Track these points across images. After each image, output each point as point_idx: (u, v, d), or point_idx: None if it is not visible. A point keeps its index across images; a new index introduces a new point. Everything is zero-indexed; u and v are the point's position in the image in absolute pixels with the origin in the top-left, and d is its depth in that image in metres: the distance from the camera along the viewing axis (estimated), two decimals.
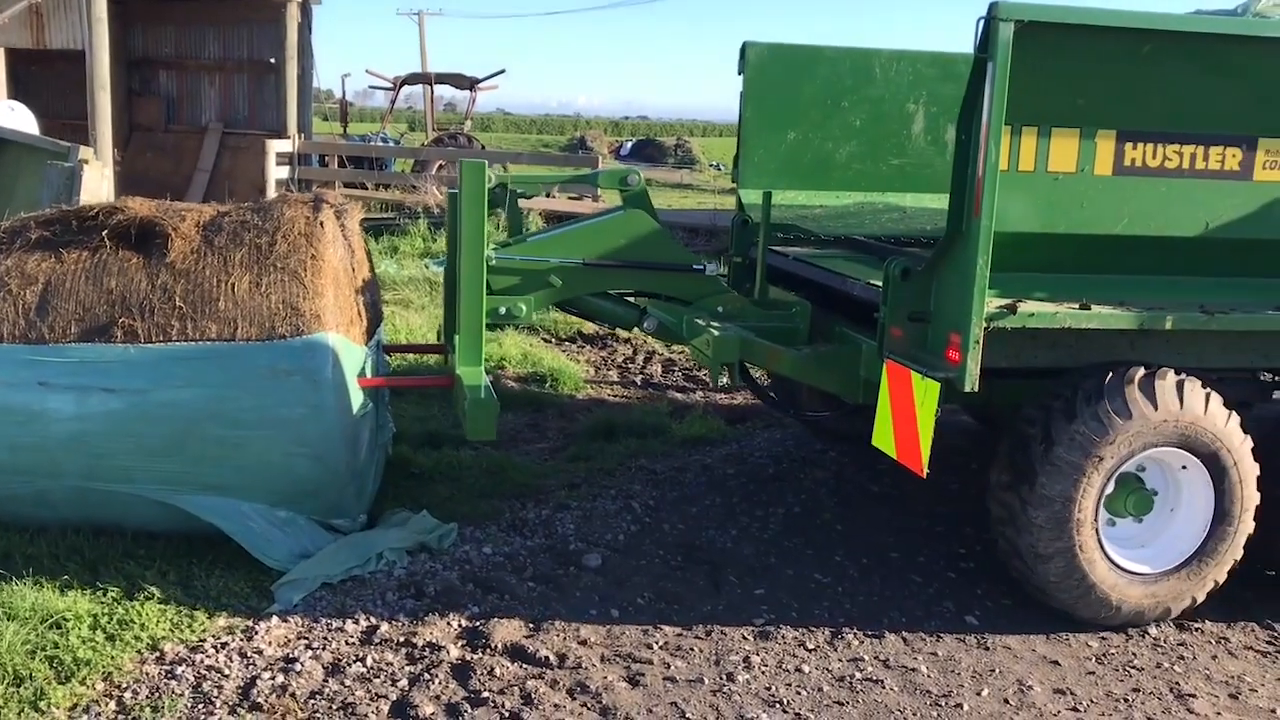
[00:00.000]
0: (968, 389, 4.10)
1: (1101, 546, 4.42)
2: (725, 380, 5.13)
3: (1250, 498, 4.50)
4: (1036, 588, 4.50)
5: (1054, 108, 4.24)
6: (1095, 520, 4.38)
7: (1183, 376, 4.41)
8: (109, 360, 4.44)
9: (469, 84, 22.81)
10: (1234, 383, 4.82)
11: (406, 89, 23.79)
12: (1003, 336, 4.22)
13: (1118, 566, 4.46)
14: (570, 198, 16.81)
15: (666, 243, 5.42)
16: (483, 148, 22.39)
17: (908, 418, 4.30)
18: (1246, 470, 4.47)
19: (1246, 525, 4.52)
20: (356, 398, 4.76)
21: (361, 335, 5.06)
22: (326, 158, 17.70)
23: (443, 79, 23.17)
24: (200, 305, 4.55)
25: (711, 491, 5.82)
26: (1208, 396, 4.41)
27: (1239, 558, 4.55)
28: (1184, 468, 4.49)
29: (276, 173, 15.53)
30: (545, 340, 9.35)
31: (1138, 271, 4.60)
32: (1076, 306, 4.24)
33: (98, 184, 8.90)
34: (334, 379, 4.56)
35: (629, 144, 43.22)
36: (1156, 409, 4.31)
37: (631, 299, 5.48)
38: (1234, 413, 4.47)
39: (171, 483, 4.53)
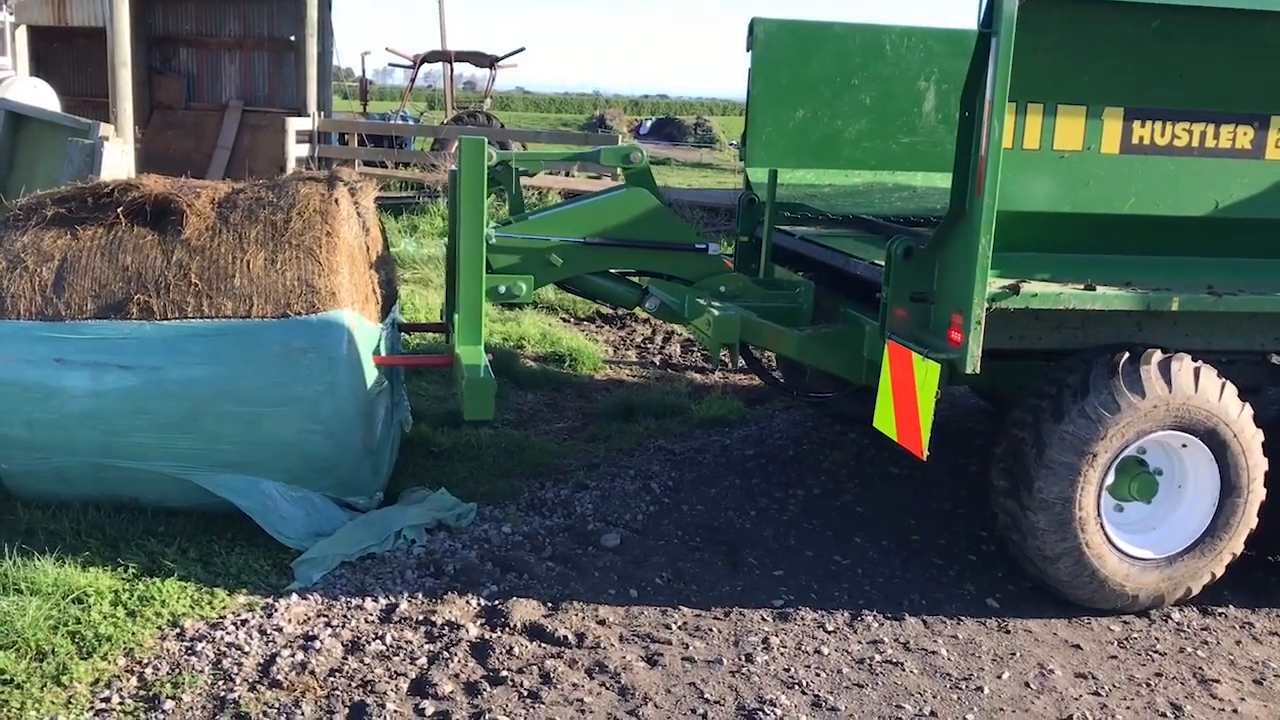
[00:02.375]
0: (969, 371, 4.04)
1: (1109, 539, 4.36)
2: (726, 361, 5.08)
3: (1257, 465, 4.42)
4: (1052, 587, 4.45)
5: (1060, 84, 4.16)
6: (1098, 515, 4.32)
7: (1168, 357, 4.31)
8: (124, 337, 4.44)
9: (489, 62, 22.72)
10: (1244, 365, 4.73)
11: (426, 67, 23.72)
12: (1007, 318, 4.16)
13: (1129, 555, 4.40)
14: (590, 177, 16.77)
15: (669, 221, 5.35)
16: (502, 126, 22.34)
17: (908, 399, 4.25)
18: (1249, 439, 4.39)
19: (1258, 494, 4.45)
20: (371, 375, 4.76)
21: (376, 313, 5.05)
22: (346, 136, 17.69)
23: (462, 57, 23.08)
24: (216, 282, 4.55)
25: (730, 473, 5.81)
26: (1197, 373, 4.31)
27: (1254, 526, 4.48)
28: (1184, 446, 4.41)
29: (296, 150, 15.53)
30: (564, 320, 9.33)
31: (1146, 252, 4.52)
32: (1081, 287, 4.18)
33: (119, 161, 8.91)
34: (348, 356, 4.56)
35: (648, 123, 43.02)
36: (1145, 397, 4.22)
37: (635, 279, 5.43)
38: (1227, 383, 4.37)
39: (187, 460, 4.54)
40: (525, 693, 3.68)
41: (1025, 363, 4.62)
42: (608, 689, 3.74)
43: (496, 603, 4.25)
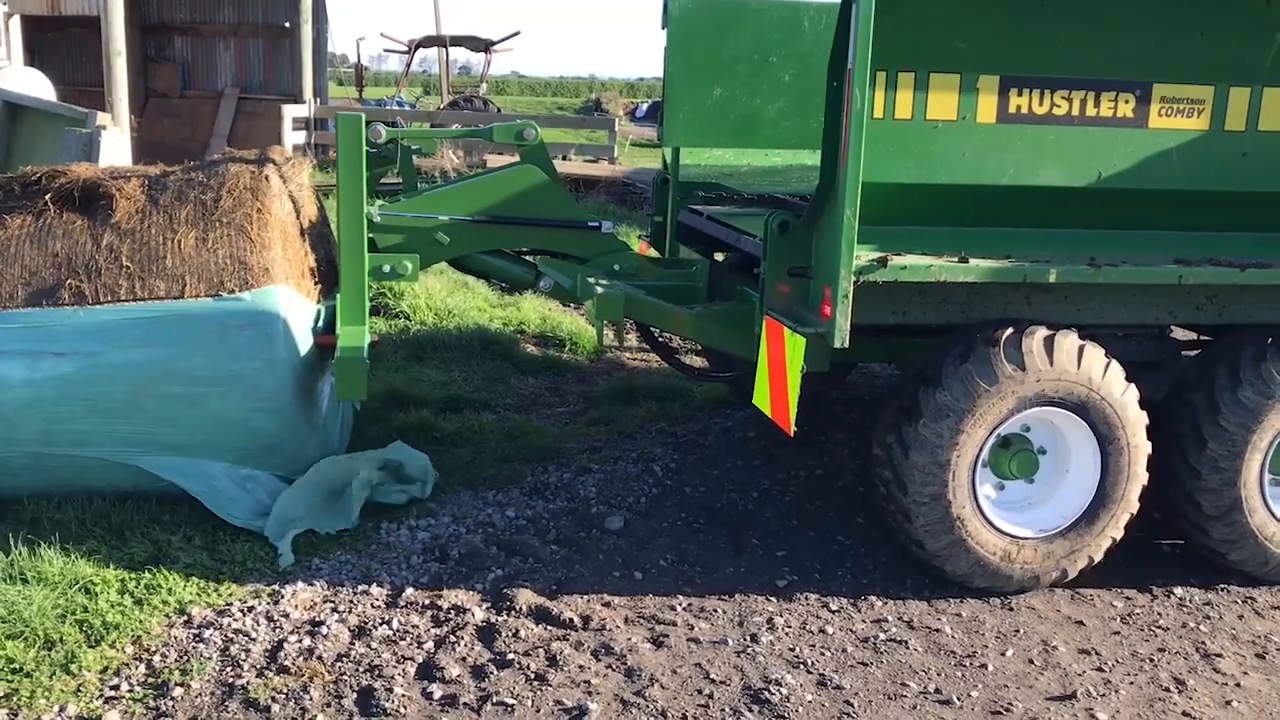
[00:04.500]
0: (838, 345, 3.97)
1: (984, 515, 4.28)
2: (612, 339, 5.02)
3: (1139, 447, 4.31)
4: (927, 562, 4.37)
5: (931, 52, 4.09)
6: (973, 489, 4.23)
7: (1053, 333, 4.22)
8: (58, 324, 4.43)
9: (484, 46, 22.67)
10: (1141, 340, 4.67)
11: (421, 52, 23.66)
12: (885, 292, 4.10)
13: (1006, 533, 4.31)
14: (587, 160, 16.73)
15: (561, 198, 5.28)
16: (498, 110, 22.28)
17: (781, 375, 4.22)
18: (1132, 420, 4.29)
19: (1140, 477, 4.35)
20: (312, 351, 4.75)
21: (315, 291, 5.02)
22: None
23: (458, 41, 23.03)
24: (148, 264, 4.55)
25: (732, 454, 5.82)
26: (1080, 350, 4.21)
27: (1134, 512, 4.40)
28: (1066, 424, 4.31)
29: (293, 138, 15.49)
30: (564, 304, 9.32)
31: (1031, 225, 4.45)
32: (955, 260, 4.09)
33: (116, 150, 8.89)
34: (285, 332, 4.56)
35: (644, 106, 42.85)
36: (1025, 370, 4.13)
37: (529, 258, 5.34)
38: (1112, 363, 4.27)
39: (131, 444, 4.52)
40: (532, 675, 3.70)
41: (923, 340, 4.53)
42: (614, 670, 3.76)
43: (502, 586, 4.27)
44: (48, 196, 4.67)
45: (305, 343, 4.71)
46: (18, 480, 4.59)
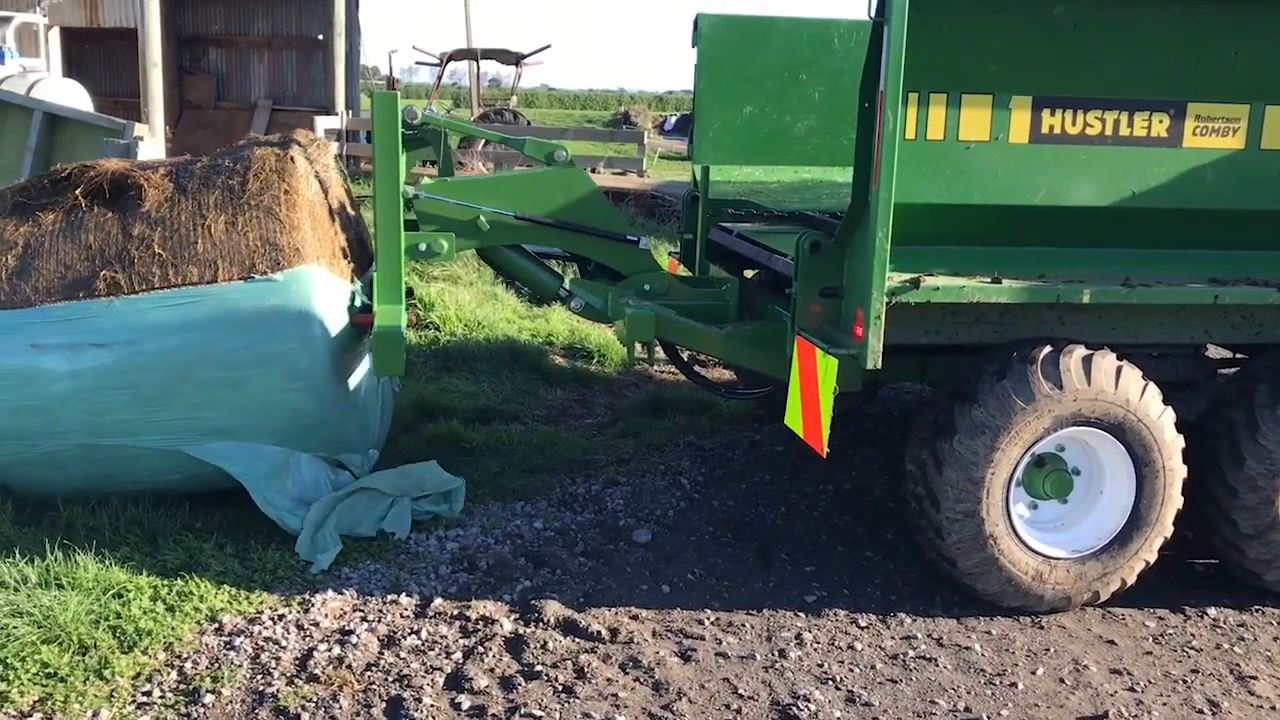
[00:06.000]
0: (870, 366, 3.97)
1: (1018, 534, 4.25)
2: (643, 359, 5.01)
3: (1175, 470, 4.26)
4: (959, 580, 4.34)
5: (963, 73, 4.08)
6: (1007, 507, 4.20)
7: (1091, 352, 4.18)
8: (95, 315, 4.47)
9: (515, 59, 22.78)
10: (1176, 359, 4.62)
11: (452, 65, 23.81)
12: (917, 312, 4.10)
13: (1039, 553, 4.28)
14: (615, 173, 16.78)
15: (604, 208, 5.30)
16: (528, 123, 22.39)
17: (813, 395, 4.21)
18: (1168, 443, 4.24)
19: (1175, 499, 4.30)
20: (347, 330, 4.78)
21: (348, 272, 5.05)
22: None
23: (489, 54, 23.15)
24: (179, 251, 4.58)
25: (760, 468, 5.81)
26: (1118, 371, 4.18)
27: (1168, 535, 4.34)
28: (1102, 445, 4.27)
29: None
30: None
31: (1064, 244, 4.42)
32: (988, 280, 4.08)
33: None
34: (320, 310, 4.59)
35: (673, 119, 42.89)
36: (1062, 389, 4.10)
37: (555, 267, 5.37)
38: (1149, 384, 4.22)
39: (174, 431, 4.56)
40: (560, 687, 3.70)
41: (956, 359, 4.52)
42: (642, 684, 3.76)
43: (530, 598, 4.28)
44: (78, 191, 4.72)
45: (340, 322, 4.74)
46: (68, 474, 4.64)
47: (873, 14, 3.88)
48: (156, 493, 4.71)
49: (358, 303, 4.97)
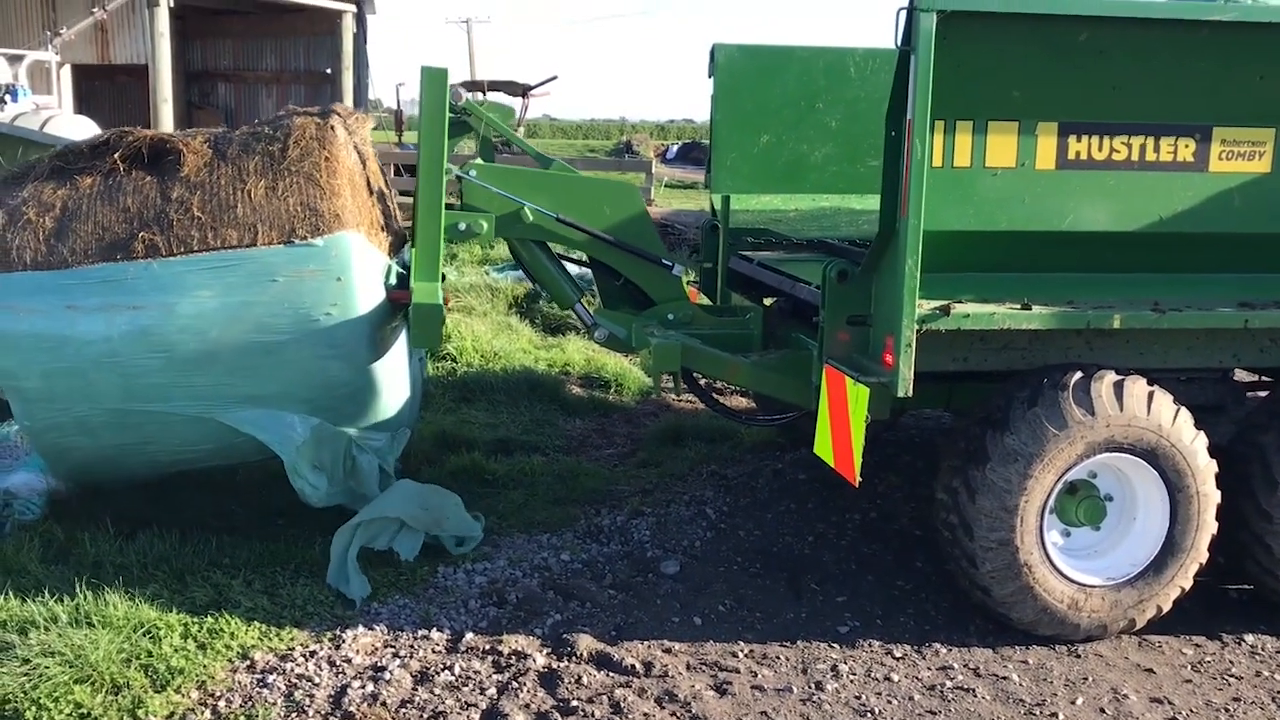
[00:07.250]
0: (901, 394, 3.95)
1: (1052, 562, 4.22)
2: (668, 388, 5.01)
3: (1209, 496, 4.24)
4: (993, 609, 4.31)
5: (989, 101, 4.09)
6: (1041, 535, 4.17)
7: (1122, 378, 4.17)
8: (132, 277, 4.44)
9: (521, 91, 22.87)
10: (1205, 383, 4.61)
11: None
12: (946, 339, 4.09)
13: (1073, 581, 4.25)
14: None
15: (648, 230, 5.32)
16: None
17: (843, 424, 4.20)
18: (1201, 469, 4.23)
19: (1209, 526, 4.27)
20: (384, 303, 4.77)
21: (385, 244, 5.03)
22: (383, 166, 17.87)
23: (496, 86, 23.22)
24: (219, 214, 4.55)
25: (785, 497, 5.78)
26: (1150, 396, 4.17)
27: (1203, 562, 4.32)
28: (1135, 471, 4.25)
29: None
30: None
31: (1092, 270, 4.42)
32: (1018, 307, 4.08)
33: None
34: (359, 278, 4.57)
35: (674, 147, 43.07)
36: (1094, 415, 4.08)
37: (576, 279, 5.40)
38: (1182, 409, 4.21)
39: (208, 397, 4.52)
40: None
41: (983, 385, 4.52)
42: (679, 719, 3.72)
43: (561, 631, 4.24)
44: (116, 155, 4.69)
45: (378, 292, 4.72)
46: (99, 440, 4.58)
47: (899, 43, 3.89)
48: (186, 464, 4.67)
49: (393, 279, 4.96)
